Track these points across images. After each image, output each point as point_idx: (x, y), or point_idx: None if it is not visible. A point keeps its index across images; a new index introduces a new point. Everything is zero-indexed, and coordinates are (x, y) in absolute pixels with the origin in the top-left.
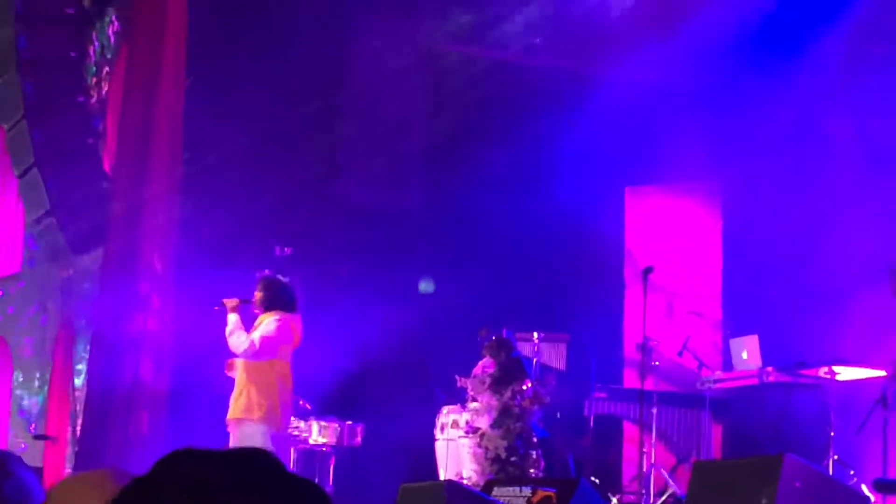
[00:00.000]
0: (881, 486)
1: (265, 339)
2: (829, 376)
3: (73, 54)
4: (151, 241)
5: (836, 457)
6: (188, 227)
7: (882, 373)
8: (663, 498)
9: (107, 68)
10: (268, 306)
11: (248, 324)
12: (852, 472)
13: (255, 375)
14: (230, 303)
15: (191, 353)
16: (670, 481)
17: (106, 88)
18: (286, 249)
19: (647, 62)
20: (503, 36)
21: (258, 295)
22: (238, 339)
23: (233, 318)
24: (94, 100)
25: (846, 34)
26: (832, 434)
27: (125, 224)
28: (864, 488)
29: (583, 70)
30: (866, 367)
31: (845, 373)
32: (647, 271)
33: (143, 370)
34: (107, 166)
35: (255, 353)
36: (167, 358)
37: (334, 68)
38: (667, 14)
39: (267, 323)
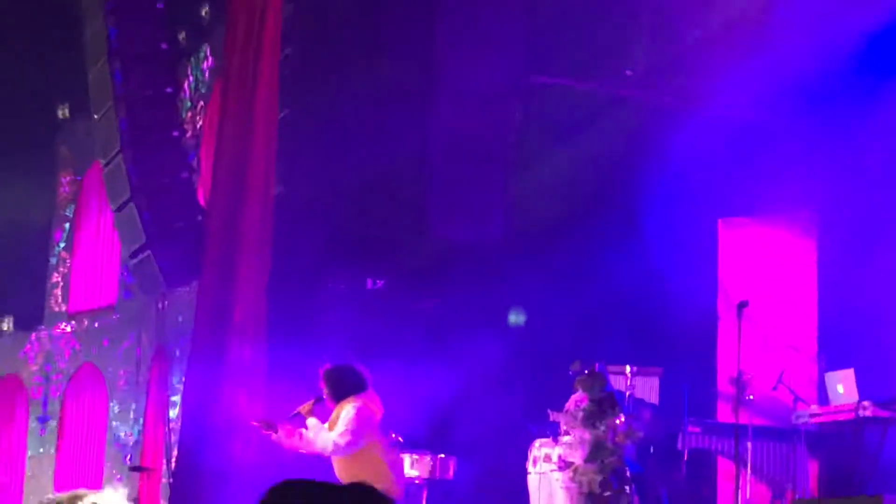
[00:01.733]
0: None
1: (351, 433)
2: None
3: (168, 90)
4: (246, 274)
5: None
6: (281, 259)
7: None
8: None
9: (201, 103)
10: (339, 397)
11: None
12: None
13: (357, 464)
14: (304, 408)
15: (285, 383)
16: None
17: (200, 123)
18: (378, 282)
19: (741, 91)
20: (593, 67)
21: (326, 390)
22: (325, 442)
23: (312, 423)
24: (189, 134)
25: None
26: None
27: (220, 256)
28: None
29: (675, 100)
30: None
31: None
32: (742, 305)
33: (239, 401)
34: (202, 200)
35: (345, 449)
36: (262, 388)
37: (424, 99)
38: (760, 42)
39: (345, 414)
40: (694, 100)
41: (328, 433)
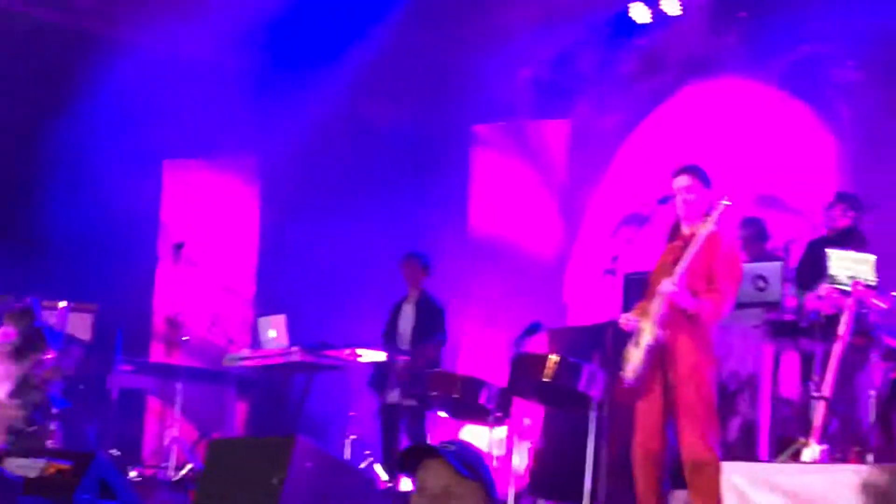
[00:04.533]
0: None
1: None
2: (351, 358)
3: None
4: None
5: (353, 437)
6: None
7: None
8: (182, 472)
9: None
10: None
11: None
12: (368, 452)
13: None
14: None
15: None
16: (191, 456)
17: None
18: None
19: (188, 33)
20: None
21: None
22: None
23: None
24: None
25: (392, 24)
26: (352, 414)
27: None
28: (379, 468)
29: (110, 33)
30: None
31: (367, 355)
32: (178, 247)
33: None
34: None
35: None
36: None
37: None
38: None
39: None
40: (134, 34)
41: None
